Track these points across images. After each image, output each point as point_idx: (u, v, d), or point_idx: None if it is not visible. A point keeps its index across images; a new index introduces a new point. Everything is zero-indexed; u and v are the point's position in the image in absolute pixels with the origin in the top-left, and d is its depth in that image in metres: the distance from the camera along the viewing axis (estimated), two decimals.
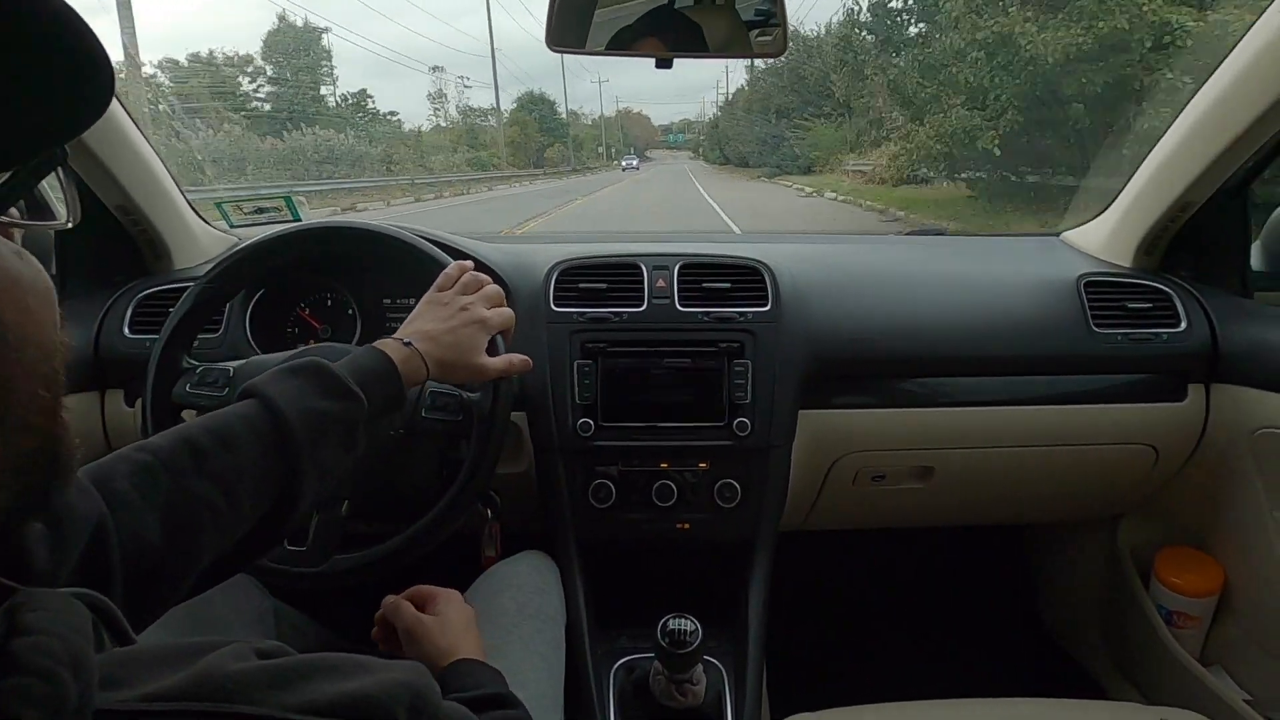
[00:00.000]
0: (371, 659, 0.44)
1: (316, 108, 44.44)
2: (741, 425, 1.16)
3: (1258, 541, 1.24)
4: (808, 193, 20.71)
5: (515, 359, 0.93)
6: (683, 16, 1.01)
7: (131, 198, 1.24)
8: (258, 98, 45.62)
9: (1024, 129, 10.82)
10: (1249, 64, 1.04)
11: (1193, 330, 1.25)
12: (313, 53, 46.02)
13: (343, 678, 0.41)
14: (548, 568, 1.11)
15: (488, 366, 0.90)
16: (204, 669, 0.38)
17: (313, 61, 45.75)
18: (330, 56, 47.34)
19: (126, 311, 1.26)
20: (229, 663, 0.39)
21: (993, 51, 10.52)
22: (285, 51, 45.44)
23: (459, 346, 0.87)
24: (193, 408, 0.99)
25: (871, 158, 19.68)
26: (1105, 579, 1.57)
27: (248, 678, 0.38)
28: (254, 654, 0.41)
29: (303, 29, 46.62)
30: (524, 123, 65.96)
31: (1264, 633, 1.28)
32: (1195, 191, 1.20)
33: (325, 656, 0.42)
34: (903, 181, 15.71)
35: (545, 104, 75.88)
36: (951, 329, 1.25)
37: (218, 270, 1.02)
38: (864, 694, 0.98)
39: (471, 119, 63.64)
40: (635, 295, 1.21)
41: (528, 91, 76.50)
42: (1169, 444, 1.30)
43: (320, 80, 46.61)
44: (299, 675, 0.40)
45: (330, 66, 47.36)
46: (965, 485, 1.36)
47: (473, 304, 0.91)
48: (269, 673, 0.39)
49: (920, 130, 12.95)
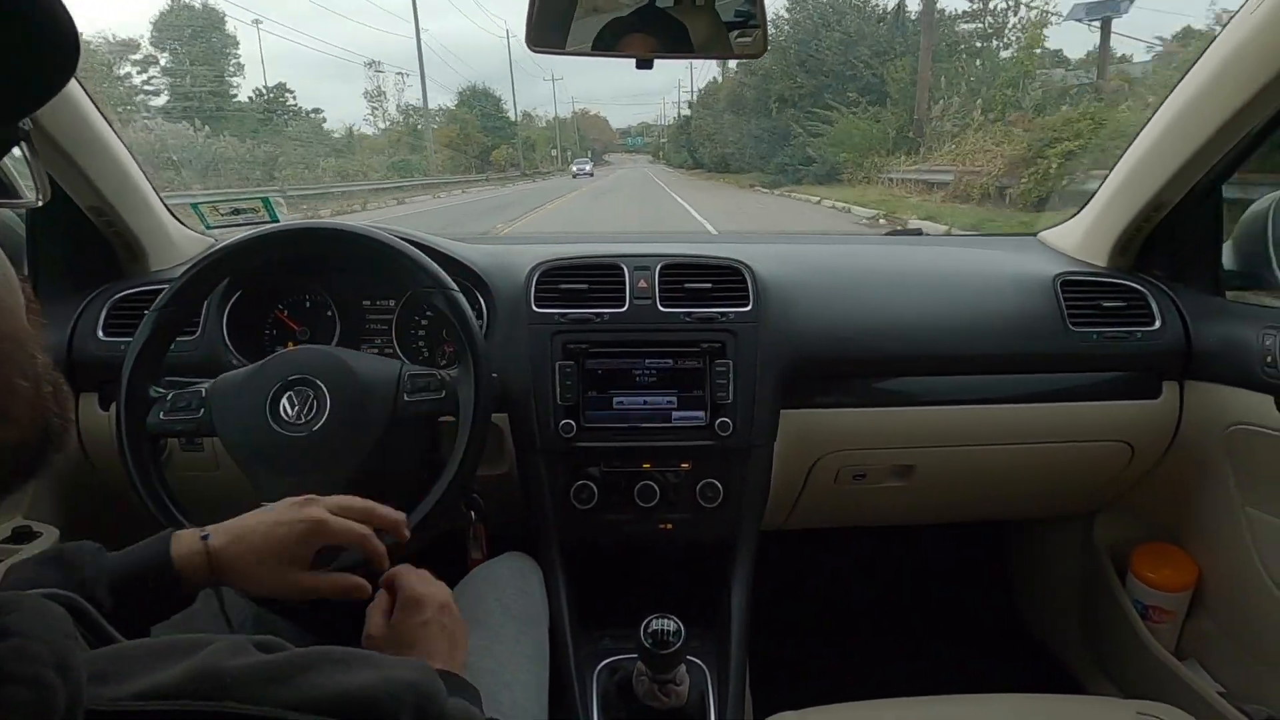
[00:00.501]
0: (378, 655, 0.43)
1: (218, 103, 38.28)
2: (723, 425, 1.16)
3: (1230, 536, 1.26)
4: (868, 217, 12.19)
5: (345, 582, 0.76)
6: (665, 16, 1.01)
7: (105, 198, 1.22)
8: (148, 89, 39.35)
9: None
10: (1220, 67, 1.06)
11: (1166, 328, 1.27)
12: (214, 40, 39.58)
13: (345, 671, 0.40)
14: (530, 569, 1.10)
15: (301, 582, 0.73)
16: (201, 664, 0.37)
17: (213, 50, 39.29)
18: (236, 45, 40.87)
19: (101, 314, 1.24)
20: (226, 658, 0.38)
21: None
22: (180, 38, 39.18)
23: (266, 550, 0.72)
24: (170, 435, 0.98)
25: (936, 160, 14.35)
26: (1082, 575, 1.59)
27: (246, 673, 0.37)
28: (252, 648, 0.40)
29: (201, 11, 40.14)
30: (464, 120, 55.50)
31: (1237, 626, 1.30)
32: (1168, 192, 1.22)
33: (328, 650, 0.41)
34: (1038, 202, 9.78)
35: (489, 99, 63.23)
36: (931, 328, 1.26)
37: (173, 291, 1.00)
38: (846, 692, 0.98)
39: (414, 119, 54.24)
40: (617, 296, 1.21)
41: (469, 85, 63.97)
42: (1144, 441, 1.32)
43: (226, 72, 39.98)
44: (298, 669, 0.39)
45: (236, 55, 40.67)
46: (945, 483, 1.38)
47: (316, 504, 0.76)
48: (268, 667, 0.38)
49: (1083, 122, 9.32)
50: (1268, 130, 1.11)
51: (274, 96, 43.56)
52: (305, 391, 0.94)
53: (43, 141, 1.07)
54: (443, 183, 34.28)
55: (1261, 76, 0.99)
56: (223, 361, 1.18)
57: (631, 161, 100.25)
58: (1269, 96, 1.02)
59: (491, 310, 1.22)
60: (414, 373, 0.97)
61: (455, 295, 0.99)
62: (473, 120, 56.25)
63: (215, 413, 0.95)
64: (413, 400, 0.96)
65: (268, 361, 0.97)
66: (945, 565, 1.92)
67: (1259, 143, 1.14)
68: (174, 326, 1.01)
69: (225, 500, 1.03)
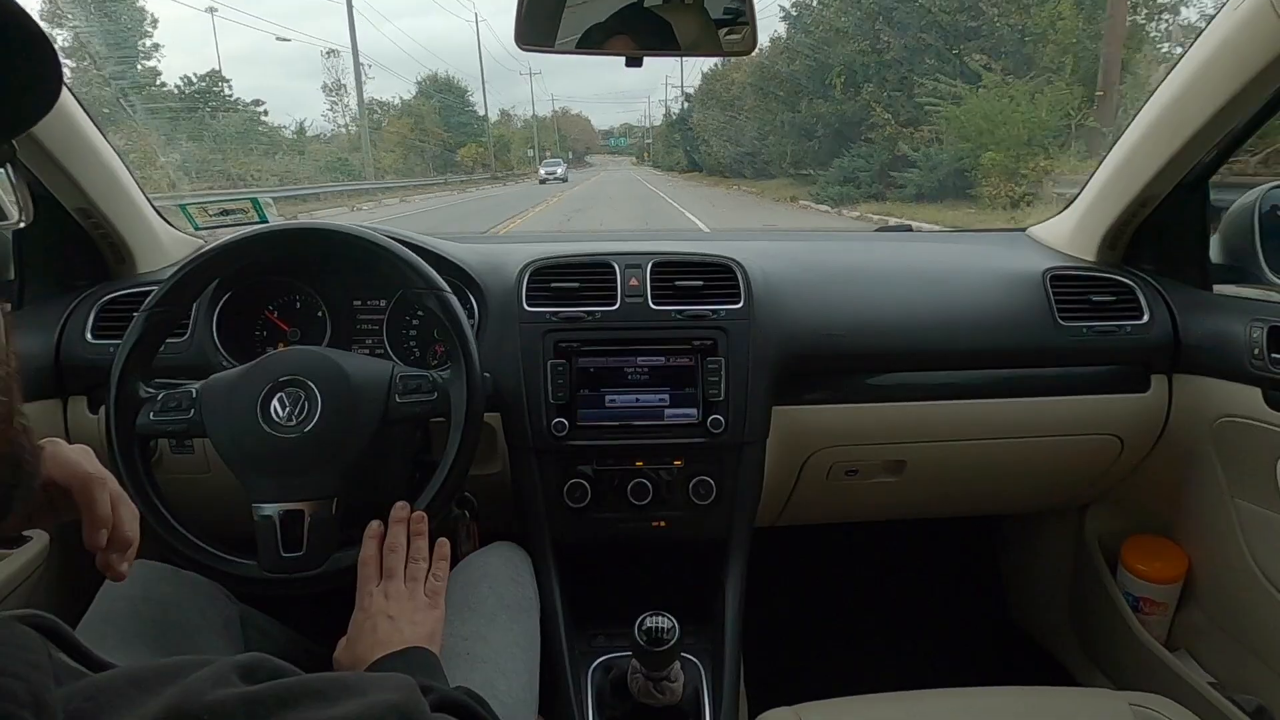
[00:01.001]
0: (357, 677, 0.42)
1: (120, 86, 28.89)
2: (715, 423, 1.16)
3: (1220, 528, 1.27)
4: None
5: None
6: (653, 15, 1.01)
7: (92, 199, 1.21)
8: None
9: None
10: (1205, 62, 1.06)
11: (1155, 322, 1.28)
12: (122, 18, 31.29)
13: (326, 704, 0.38)
14: (521, 558, 1.11)
15: None
16: (179, 699, 0.35)
17: (118, 27, 30.60)
18: (156, 23, 34.37)
19: (89, 317, 1.23)
20: (206, 689, 0.36)
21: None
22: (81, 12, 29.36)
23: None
24: (160, 436, 0.97)
25: None
26: (1073, 568, 1.60)
27: (224, 709, 0.36)
28: (235, 674, 0.38)
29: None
30: (420, 114, 48.41)
31: (1227, 617, 1.31)
32: (1155, 186, 1.23)
33: (307, 681, 0.40)
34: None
35: (453, 92, 55.19)
36: (921, 324, 1.27)
37: (163, 291, 0.99)
38: (840, 687, 0.99)
39: (378, 114, 48.08)
40: (608, 294, 1.21)
41: (430, 74, 55.70)
42: (1133, 434, 1.33)
43: (133, 54, 31.80)
44: (280, 704, 0.37)
45: (150, 35, 33.13)
46: (936, 478, 1.38)
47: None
48: (247, 702, 0.36)
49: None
50: (1253, 125, 1.12)
51: (206, 86, 35.98)
52: (296, 392, 0.93)
53: (29, 144, 1.07)
54: (377, 188, 27.70)
55: (1245, 72, 1.00)
56: (213, 363, 1.17)
57: (614, 163, 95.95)
58: (1252, 92, 1.02)
59: (483, 310, 1.22)
60: (406, 374, 0.97)
61: (447, 296, 0.99)
62: (431, 113, 49.61)
63: (206, 413, 0.95)
64: (405, 402, 0.95)
65: (258, 362, 0.96)
66: (937, 560, 1.92)
67: (1245, 137, 1.15)
68: (164, 327, 1.00)
69: (216, 502, 1.03)
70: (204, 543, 0.93)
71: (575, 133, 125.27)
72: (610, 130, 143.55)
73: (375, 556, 0.89)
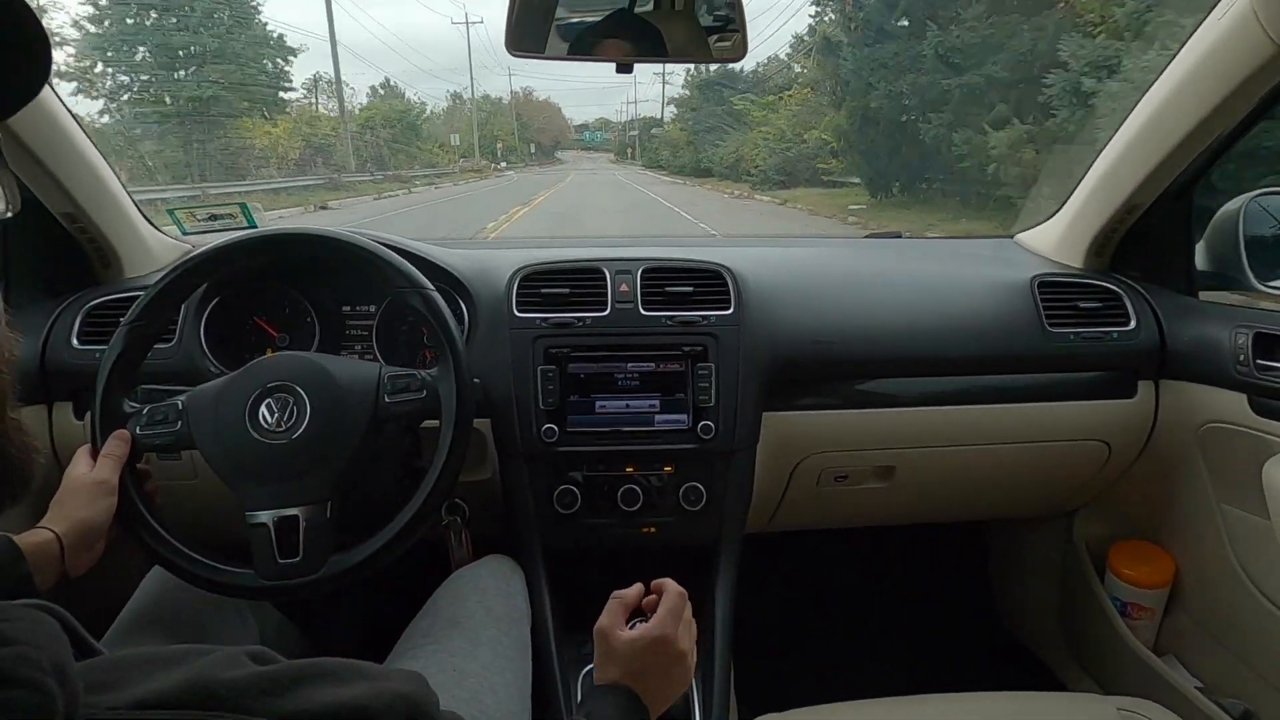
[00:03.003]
0: (370, 665, 0.43)
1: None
2: (706, 428, 1.16)
3: (1206, 533, 1.28)
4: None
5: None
6: (643, 21, 1.01)
7: (78, 204, 1.20)
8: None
9: None
10: (1190, 71, 1.07)
11: (1141, 328, 1.29)
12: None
13: (338, 684, 0.40)
14: (511, 570, 1.10)
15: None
16: (197, 674, 0.38)
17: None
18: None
19: (75, 322, 1.22)
20: (222, 669, 0.39)
21: None
22: None
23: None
24: (148, 450, 0.96)
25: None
26: (1062, 573, 1.61)
27: (241, 685, 0.38)
28: (247, 659, 0.41)
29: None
30: (372, 111, 39.16)
31: (1213, 622, 1.32)
32: (1141, 194, 1.24)
33: (320, 662, 0.42)
34: None
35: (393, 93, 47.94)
36: (910, 330, 1.27)
37: (144, 303, 0.98)
38: (830, 693, 0.99)
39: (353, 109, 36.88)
40: (598, 300, 1.21)
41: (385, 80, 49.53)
42: (1121, 440, 1.33)
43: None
44: (293, 681, 0.39)
45: None
46: (926, 484, 1.39)
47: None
48: (262, 679, 0.39)
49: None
50: (1237, 133, 1.13)
51: None
52: (284, 398, 0.93)
53: (14, 147, 1.06)
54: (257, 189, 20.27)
55: (1229, 81, 1.01)
56: (200, 369, 1.17)
57: (590, 161, 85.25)
58: (1236, 101, 1.04)
59: (473, 316, 1.21)
60: (393, 374, 0.96)
61: (431, 295, 0.99)
62: (380, 110, 39.72)
63: (194, 425, 0.94)
64: (394, 401, 0.95)
65: (244, 370, 0.95)
66: (927, 565, 1.93)
67: (1230, 145, 1.16)
68: (147, 340, 0.99)
69: (203, 509, 1.02)
70: (199, 555, 0.92)
71: (540, 121, 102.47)
72: (585, 124, 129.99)
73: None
